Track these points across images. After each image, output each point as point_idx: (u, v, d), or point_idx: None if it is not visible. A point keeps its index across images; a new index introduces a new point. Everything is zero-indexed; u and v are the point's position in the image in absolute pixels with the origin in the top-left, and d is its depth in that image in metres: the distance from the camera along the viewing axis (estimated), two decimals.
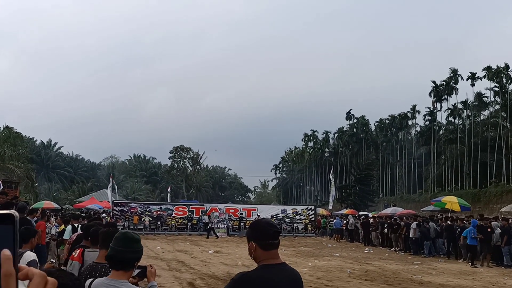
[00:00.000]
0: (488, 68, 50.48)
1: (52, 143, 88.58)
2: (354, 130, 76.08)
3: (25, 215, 9.37)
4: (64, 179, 79.59)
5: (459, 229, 18.42)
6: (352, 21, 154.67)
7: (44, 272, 0.70)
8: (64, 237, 10.88)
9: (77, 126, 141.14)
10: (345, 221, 29.71)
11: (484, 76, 51.30)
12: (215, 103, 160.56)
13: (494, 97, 52.38)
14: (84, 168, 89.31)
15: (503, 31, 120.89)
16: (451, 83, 55.85)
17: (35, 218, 12.10)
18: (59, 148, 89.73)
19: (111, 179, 37.52)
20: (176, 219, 30.72)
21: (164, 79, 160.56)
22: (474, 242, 16.47)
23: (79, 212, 25.24)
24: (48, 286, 0.63)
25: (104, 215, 27.32)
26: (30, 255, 4.19)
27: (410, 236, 20.72)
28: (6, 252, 0.60)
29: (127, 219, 29.62)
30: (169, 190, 54.98)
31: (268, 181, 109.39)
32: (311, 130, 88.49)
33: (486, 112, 54.67)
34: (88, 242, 4.56)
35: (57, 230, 13.46)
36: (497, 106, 51.97)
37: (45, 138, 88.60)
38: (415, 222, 21.10)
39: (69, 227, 10.90)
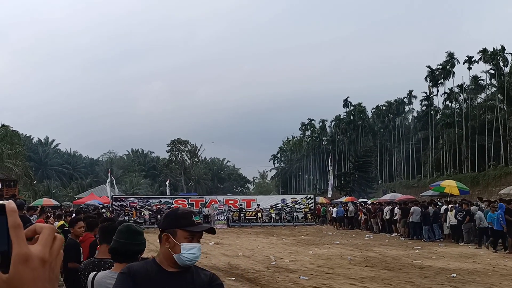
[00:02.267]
0: (484, 51, 50.30)
1: (49, 140, 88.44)
2: (351, 117, 76.07)
3: (24, 212, 9.35)
4: (62, 176, 79.53)
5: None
6: (346, 8, 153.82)
7: (52, 226, 0.69)
8: None
9: (74, 122, 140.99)
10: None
11: (480, 59, 51.18)
12: (211, 95, 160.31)
13: (490, 79, 52.37)
14: (83, 165, 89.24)
15: (498, 12, 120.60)
16: (448, 67, 55.75)
17: (34, 216, 12.09)
18: (57, 145, 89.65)
19: (109, 174, 37.53)
20: None
21: (158, 72, 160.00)
22: (500, 227, 15.56)
23: (72, 209, 25.28)
24: (56, 242, 0.64)
25: (103, 210, 27.38)
26: None
27: (411, 220, 20.82)
28: (11, 204, 0.61)
29: (126, 213, 29.68)
30: (168, 183, 55.01)
31: (267, 171, 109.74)
32: (308, 119, 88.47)
33: (483, 95, 54.65)
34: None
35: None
36: (494, 89, 51.93)
37: (42, 136, 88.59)
38: (414, 207, 21.22)
39: (59, 223, 10.81)
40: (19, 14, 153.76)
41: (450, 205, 19.69)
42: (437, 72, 56.76)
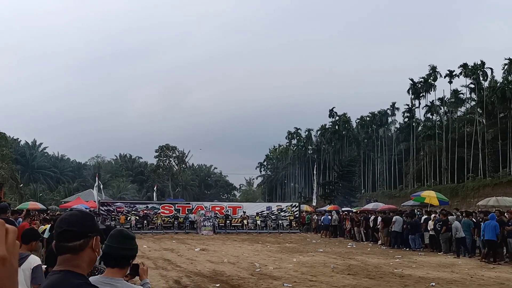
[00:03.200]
0: (464, 66, 51.69)
1: (37, 143, 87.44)
2: (336, 127, 77.16)
3: (8, 215, 9.44)
4: (49, 179, 78.67)
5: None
6: (333, 18, 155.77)
7: (1, 220, 0.70)
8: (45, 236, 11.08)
9: (62, 126, 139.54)
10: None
11: (461, 73, 52.55)
12: (200, 102, 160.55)
13: (470, 93, 53.85)
14: (70, 168, 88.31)
15: (478, 28, 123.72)
16: (430, 80, 57.05)
17: (19, 219, 12.22)
18: (44, 148, 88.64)
19: (97, 178, 37.49)
20: (163, 218, 30.96)
21: (149, 78, 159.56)
22: (494, 237, 15.36)
23: (59, 213, 25.34)
24: (9, 235, 0.61)
25: None
26: (35, 260, 4.14)
27: (393, 229, 21.35)
28: None
29: (113, 218, 29.75)
30: (155, 189, 55.09)
31: (253, 178, 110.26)
32: (294, 127, 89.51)
33: (463, 109, 56.20)
34: None
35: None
36: (473, 103, 53.39)
37: (29, 139, 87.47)
38: (396, 216, 21.88)
39: (48, 226, 11.00)
40: (8, 17, 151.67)
41: (432, 215, 20.21)
42: (419, 85, 58.07)
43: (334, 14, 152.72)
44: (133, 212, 30.83)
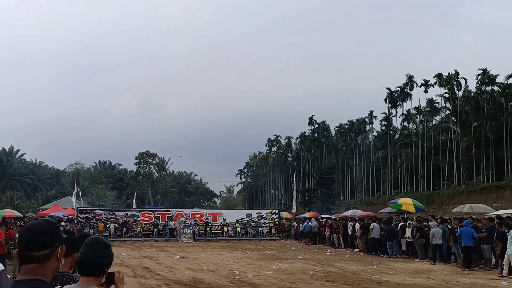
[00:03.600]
0: (439, 75, 52.99)
1: (14, 150, 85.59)
2: (316, 135, 77.96)
3: None
4: (27, 186, 77.04)
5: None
6: (311, 27, 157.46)
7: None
8: None
9: (41, 132, 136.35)
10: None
11: (436, 83, 53.86)
12: (180, 109, 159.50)
13: (445, 103, 55.23)
14: (48, 175, 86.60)
15: (453, 39, 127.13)
16: (406, 89, 58.27)
17: None
18: (22, 155, 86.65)
19: (75, 185, 37.02)
20: (142, 225, 30.73)
21: (128, 85, 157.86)
22: (471, 243, 15.40)
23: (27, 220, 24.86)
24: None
25: (63, 223, 26.93)
26: None
27: (371, 236, 21.70)
28: None
29: (92, 226, 29.38)
30: (135, 196, 54.59)
31: (234, 186, 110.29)
32: (275, 135, 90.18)
33: (438, 117, 57.63)
34: None
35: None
36: (448, 112, 54.76)
37: (6, 145, 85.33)
38: (373, 223, 22.27)
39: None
40: None
41: (408, 222, 20.63)
42: (396, 94, 59.26)
43: (313, 26, 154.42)
44: (112, 219, 30.50)
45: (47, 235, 1.86)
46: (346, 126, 71.95)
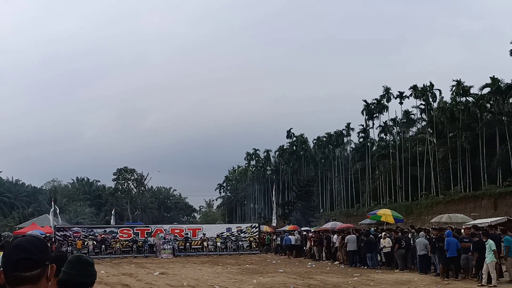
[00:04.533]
0: (414, 87, 54.00)
1: None
2: (294, 148, 78.35)
3: None
4: (3, 205, 75.21)
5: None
6: (288, 43, 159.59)
7: None
8: None
9: (17, 149, 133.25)
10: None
11: (411, 95, 54.89)
12: (157, 124, 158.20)
13: (421, 114, 56.29)
14: (25, 193, 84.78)
15: (427, 51, 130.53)
16: (383, 101, 59.13)
17: None
18: None
19: (53, 203, 36.48)
20: (121, 242, 30.21)
21: (105, 100, 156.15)
22: (455, 253, 15.51)
23: (11, 239, 24.07)
24: None
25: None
26: None
27: (348, 248, 21.81)
28: None
29: (70, 244, 28.75)
30: (113, 212, 53.71)
31: (213, 200, 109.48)
32: (253, 148, 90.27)
33: (414, 129, 58.65)
34: None
35: None
36: (424, 123, 55.82)
37: None
38: (348, 236, 22.33)
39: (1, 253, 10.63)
40: None
41: (383, 233, 20.86)
42: (372, 106, 60.14)
43: (289, 39, 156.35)
44: (90, 236, 30.01)
45: (38, 253, 1.72)
46: (324, 139, 72.47)
